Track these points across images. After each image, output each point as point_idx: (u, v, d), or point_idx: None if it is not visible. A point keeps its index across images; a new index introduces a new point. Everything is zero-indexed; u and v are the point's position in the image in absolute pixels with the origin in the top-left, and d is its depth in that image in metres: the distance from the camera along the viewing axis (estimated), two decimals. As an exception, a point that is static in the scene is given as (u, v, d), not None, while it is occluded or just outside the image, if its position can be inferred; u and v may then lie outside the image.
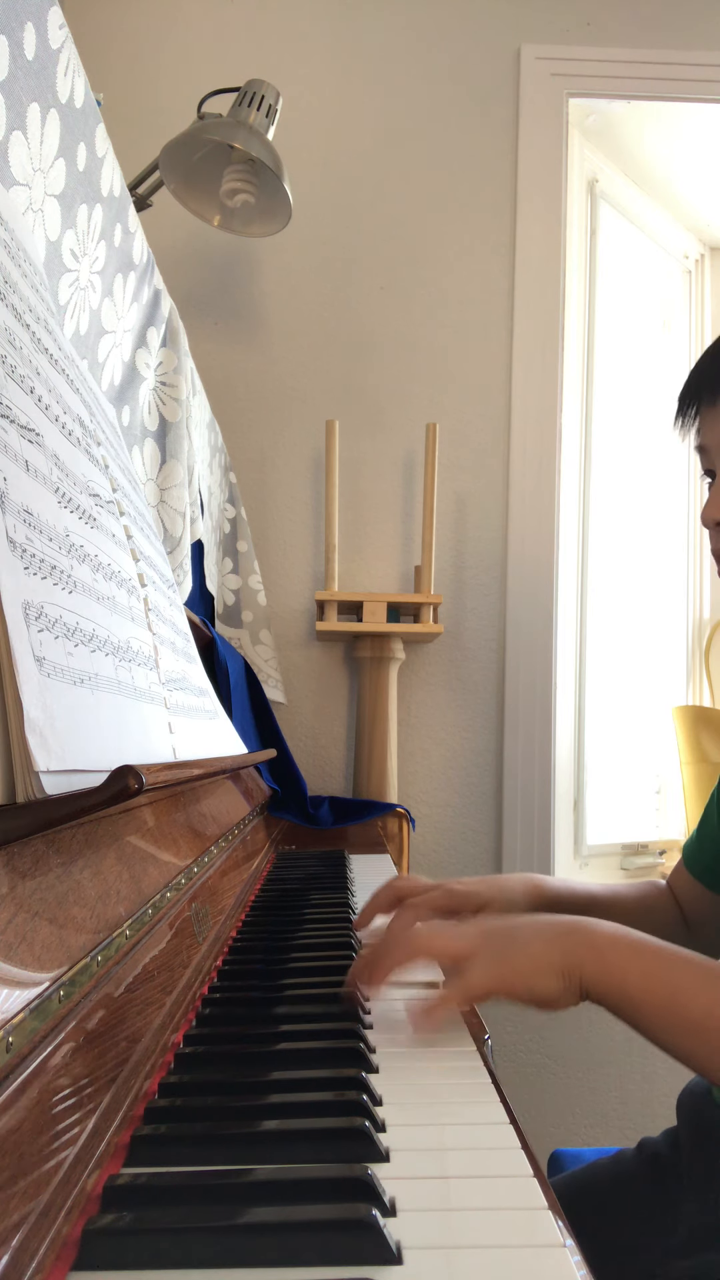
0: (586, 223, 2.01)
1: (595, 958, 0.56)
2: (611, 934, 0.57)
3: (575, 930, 0.58)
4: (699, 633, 2.16)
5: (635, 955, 0.56)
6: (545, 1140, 1.72)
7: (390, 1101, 0.46)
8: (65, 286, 0.84)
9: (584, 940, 0.57)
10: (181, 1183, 0.36)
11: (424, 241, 1.88)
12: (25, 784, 0.41)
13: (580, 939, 0.57)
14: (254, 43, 1.86)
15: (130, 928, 0.50)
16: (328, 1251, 0.32)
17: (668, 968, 0.56)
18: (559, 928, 0.58)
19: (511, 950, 0.57)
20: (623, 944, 0.57)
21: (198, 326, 1.75)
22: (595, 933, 0.57)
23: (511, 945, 0.57)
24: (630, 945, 0.57)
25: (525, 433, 1.85)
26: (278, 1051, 0.50)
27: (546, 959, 0.56)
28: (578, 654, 1.94)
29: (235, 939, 0.75)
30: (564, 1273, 0.32)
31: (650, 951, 0.57)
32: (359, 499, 1.84)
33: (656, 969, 0.56)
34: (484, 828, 1.82)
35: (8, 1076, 0.33)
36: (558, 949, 0.56)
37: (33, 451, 0.53)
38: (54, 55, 0.74)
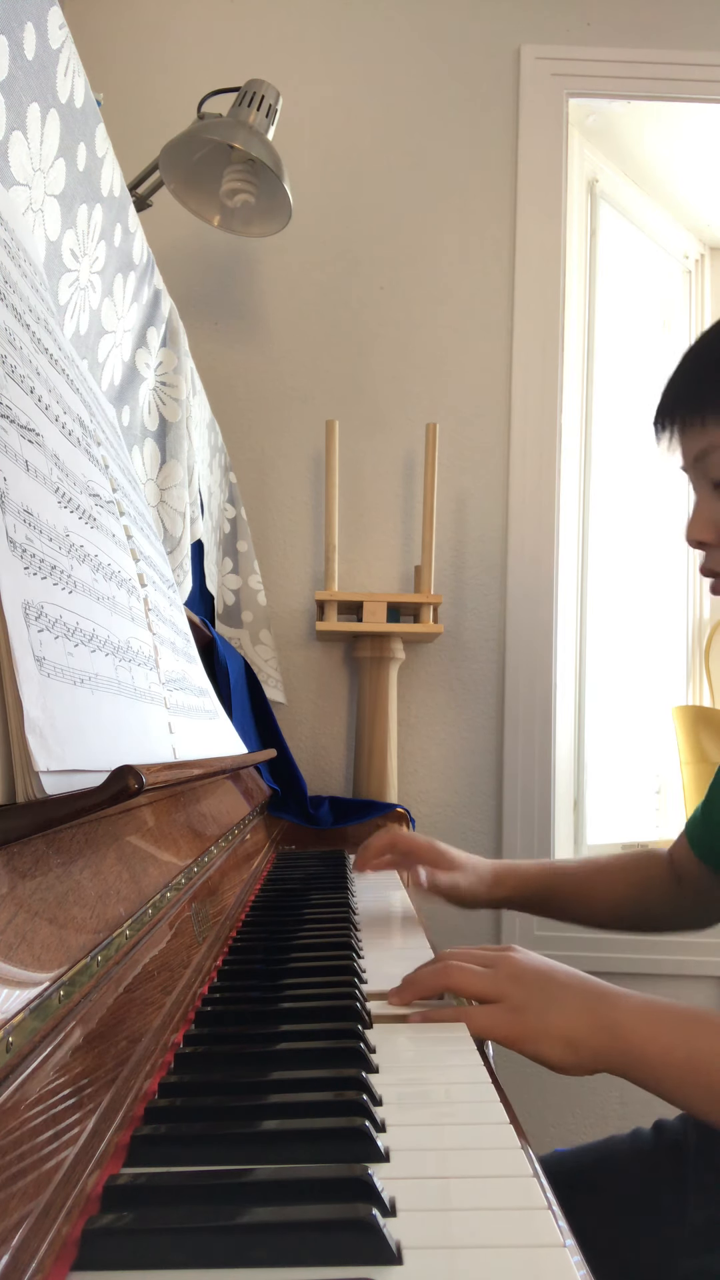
0: (586, 223, 2.01)
1: (613, 1036, 0.56)
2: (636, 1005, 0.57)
3: (596, 1007, 0.57)
4: (699, 633, 2.16)
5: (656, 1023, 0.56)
6: (545, 1140, 1.72)
7: (390, 1101, 0.46)
8: (65, 286, 0.84)
9: (602, 1019, 0.57)
10: (181, 1183, 0.36)
11: (424, 241, 1.88)
12: (25, 784, 0.41)
13: (599, 1017, 0.57)
14: (254, 43, 1.86)
15: (130, 928, 0.50)
16: (328, 1251, 0.32)
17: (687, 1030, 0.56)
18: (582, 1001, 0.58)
19: (531, 1010, 0.57)
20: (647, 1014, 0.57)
21: (198, 326, 1.75)
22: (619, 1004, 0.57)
23: (533, 1004, 0.58)
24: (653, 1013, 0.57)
25: (525, 433, 1.85)
26: (278, 1051, 0.50)
27: (561, 1028, 0.56)
28: (578, 654, 1.94)
29: (235, 939, 0.75)
30: (564, 1273, 0.32)
31: (673, 1016, 0.57)
32: (359, 499, 1.84)
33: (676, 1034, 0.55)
34: (484, 828, 1.82)
35: (8, 1076, 0.33)
36: (577, 1023, 0.56)
37: (33, 451, 0.53)
38: (54, 55, 0.74)
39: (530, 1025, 0.57)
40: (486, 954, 0.63)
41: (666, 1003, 0.58)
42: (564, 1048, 0.56)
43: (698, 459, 0.76)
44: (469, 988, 0.59)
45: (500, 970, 0.60)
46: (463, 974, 0.60)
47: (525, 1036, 0.56)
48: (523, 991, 0.58)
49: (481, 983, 0.59)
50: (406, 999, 0.61)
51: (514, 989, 0.58)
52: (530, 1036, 0.56)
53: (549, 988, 0.59)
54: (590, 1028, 0.56)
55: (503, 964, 0.61)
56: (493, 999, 0.58)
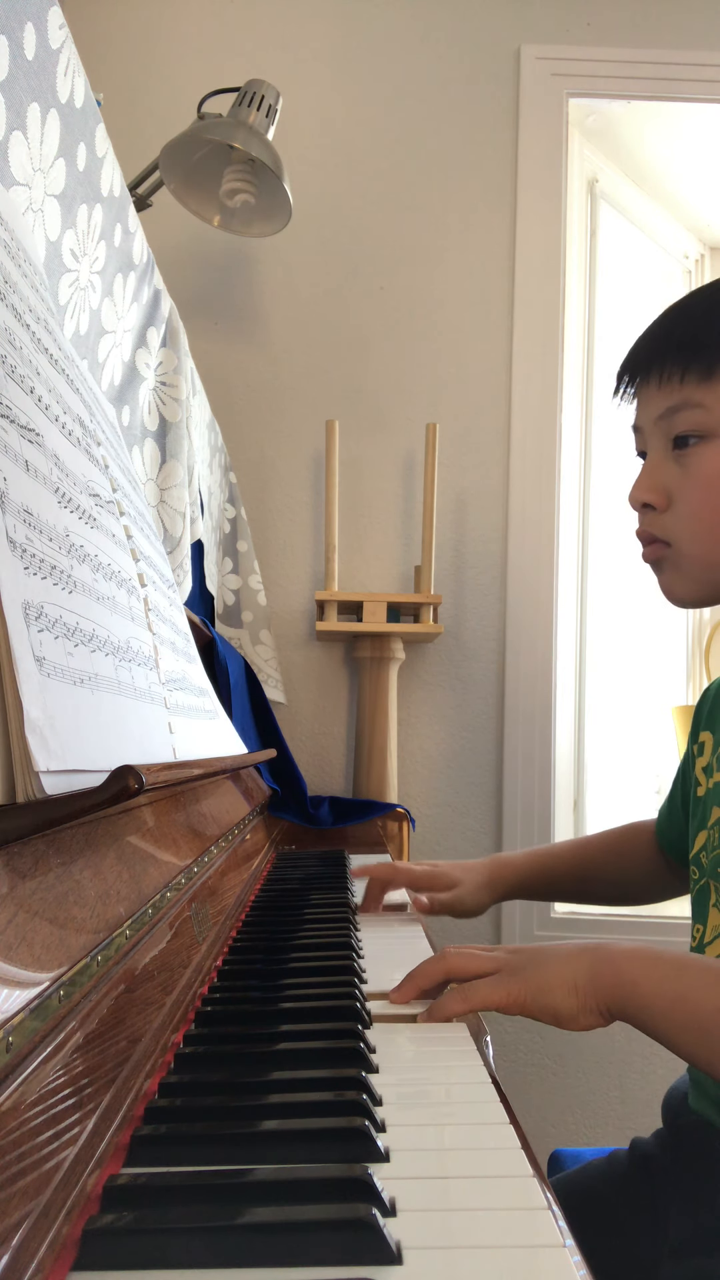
0: (586, 223, 2.01)
1: (611, 971, 0.57)
2: (627, 948, 0.59)
3: (593, 949, 0.59)
4: (699, 633, 2.16)
5: (648, 963, 0.57)
6: (545, 1140, 1.71)
7: (390, 1101, 0.46)
8: (65, 286, 0.84)
9: (600, 956, 0.58)
10: (181, 1183, 0.36)
11: (424, 241, 1.88)
12: (25, 784, 0.41)
13: (596, 955, 0.58)
14: (254, 43, 1.86)
15: (130, 928, 0.50)
16: (327, 1251, 0.32)
17: (678, 970, 0.57)
18: (577, 947, 0.60)
19: (529, 968, 0.58)
20: (638, 955, 0.58)
21: (198, 326, 1.75)
22: (611, 948, 0.59)
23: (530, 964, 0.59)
24: (644, 955, 0.58)
25: (525, 433, 1.85)
26: (278, 1051, 0.50)
27: (561, 975, 0.57)
28: (578, 654, 1.94)
29: (235, 939, 0.75)
30: (564, 1273, 0.32)
31: (665, 959, 0.58)
32: (359, 499, 1.84)
33: (668, 972, 0.57)
34: (484, 828, 1.82)
35: (8, 1076, 0.33)
36: (574, 966, 0.58)
37: (33, 451, 0.53)
38: (54, 55, 0.74)
39: (531, 981, 0.57)
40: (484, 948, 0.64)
41: (661, 948, 0.59)
42: (568, 992, 0.57)
43: (663, 415, 0.73)
44: (467, 969, 0.60)
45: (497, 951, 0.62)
46: (460, 958, 0.61)
47: (528, 994, 0.57)
48: (519, 958, 0.60)
49: (479, 962, 0.60)
50: (407, 996, 0.61)
51: (511, 959, 0.60)
52: (533, 993, 0.57)
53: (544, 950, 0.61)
54: (589, 967, 0.57)
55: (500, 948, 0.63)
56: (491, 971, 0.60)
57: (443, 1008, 0.58)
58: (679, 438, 0.73)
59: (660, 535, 0.75)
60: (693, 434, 0.72)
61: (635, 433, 0.79)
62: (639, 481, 0.76)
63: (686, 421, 0.72)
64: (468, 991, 0.58)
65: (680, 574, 0.75)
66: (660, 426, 0.74)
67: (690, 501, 0.72)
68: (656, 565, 0.78)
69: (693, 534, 0.73)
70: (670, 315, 0.76)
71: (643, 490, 0.75)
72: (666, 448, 0.74)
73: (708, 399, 0.71)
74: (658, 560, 0.77)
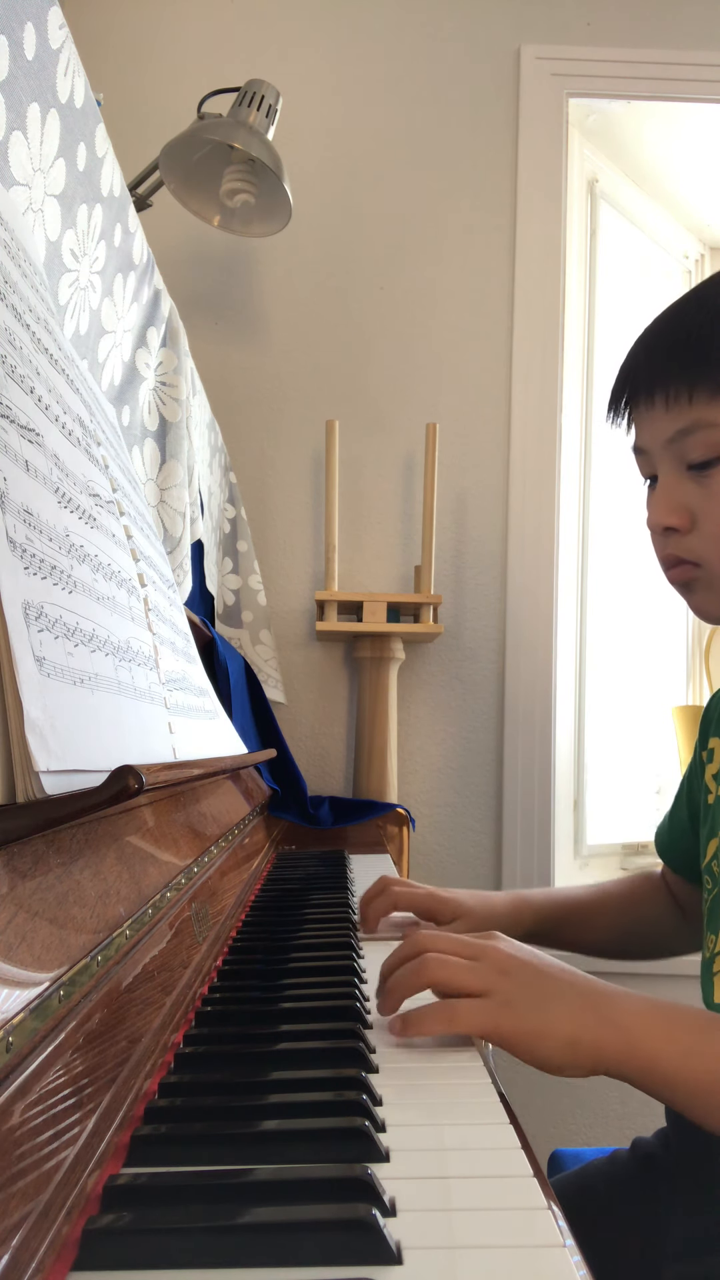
0: (586, 223, 2.01)
1: (619, 1037, 0.52)
2: (638, 1010, 0.53)
3: (599, 1004, 0.53)
4: (699, 633, 2.16)
5: (667, 1031, 0.53)
6: (545, 1140, 1.71)
7: (390, 1101, 0.46)
8: (65, 286, 0.84)
9: (607, 1017, 0.53)
10: (181, 1183, 0.36)
11: (424, 241, 1.88)
12: (25, 784, 0.41)
13: (604, 1015, 0.53)
14: (254, 43, 1.86)
15: (130, 928, 0.50)
16: (328, 1251, 0.32)
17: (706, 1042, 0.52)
18: (583, 997, 0.54)
19: (524, 1005, 0.53)
20: (652, 1019, 0.53)
21: (198, 326, 1.75)
22: (621, 1008, 0.53)
23: (526, 999, 0.53)
24: (661, 1020, 0.53)
25: (525, 433, 1.85)
26: (278, 1051, 0.50)
27: (561, 1027, 0.52)
28: (578, 654, 1.94)
29: (235, 939, 0.75)
30: (564, 1273, 0.32)
31: (684, 1024, 0.53)
32: (359, 499, 1.84)
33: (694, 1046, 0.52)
34: (484, 828, 1.82)
35: (8, 1076, 0.33)
36: (577, 1022, 0.52)
37: (33, 451, 0.53)
38: (54, 55, 0.74)
39: (526, 1022, 0.52)
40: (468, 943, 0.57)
41: (677, 1005, 0.54)
42: (563, 1046, 0.52)
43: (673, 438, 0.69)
44: (452, 982, 0.55)
45: (486, 962, 0.55)
46: (444, 968, 0.55)
47: (519, 1034, 0.52)
48: (513, 985, 0.54)
49: (466, 976, 0.54)
50: (389, 1010, 0.56)
51: (503, 982, 0.54)
52: (525, 1034, 0.52)
53: (542, 982, 0.55)
54: (595, 1024, 0.52)
55: (488, 954, 0.56)
56: (480, 994, 0.54)
57: (420, 1024, 0.53)
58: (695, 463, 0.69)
59: (688, 557, 0.71)
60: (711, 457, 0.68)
61: (638, 454, 0.75)
62: (658, 503, 0.72)
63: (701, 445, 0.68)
64: (452, 1014, 0.53)
65: (714, 593, 0.72)
66: (671, 449, 0.70)
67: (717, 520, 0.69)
68: (686, 587, 0.74)
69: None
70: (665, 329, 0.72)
71: (664, 513, 0.71)
72: (681, 468, 0.70)
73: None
74: (687, 582, 0.73)
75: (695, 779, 0.86)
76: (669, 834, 0.92)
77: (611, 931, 0.94)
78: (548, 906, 0.91)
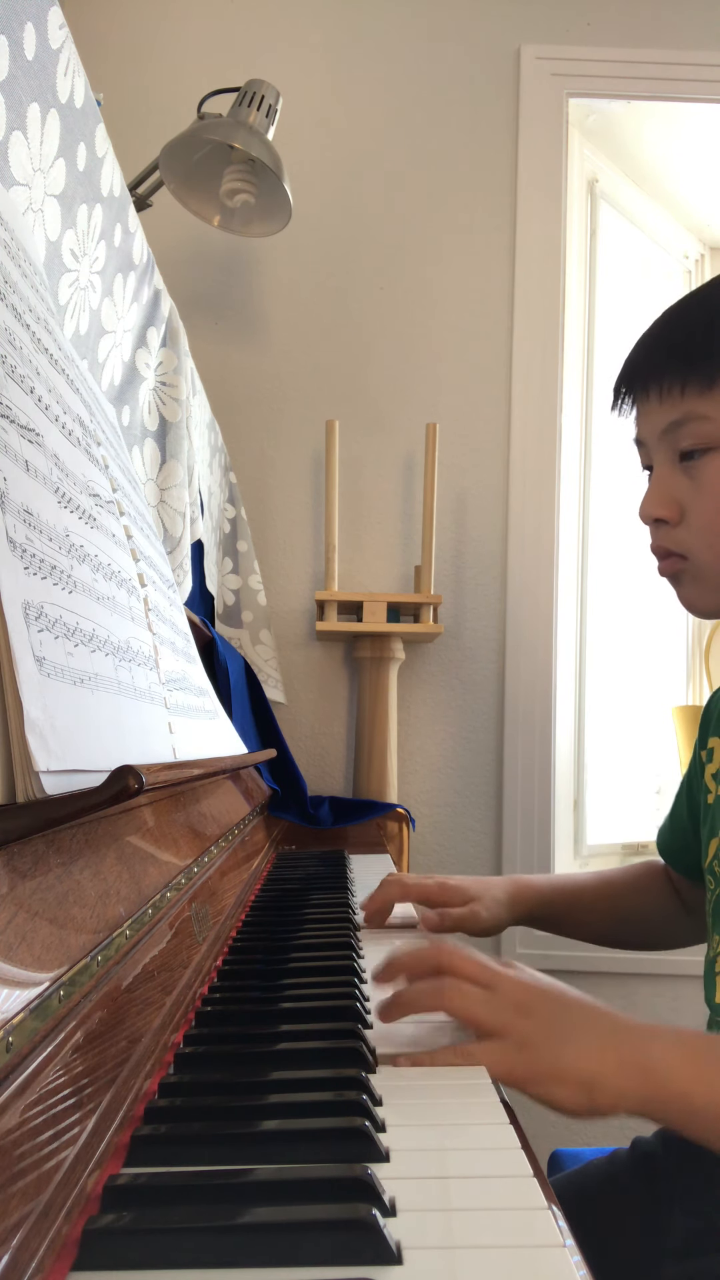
0: (586, 223, 2.01)
1: (641, 1080, 0.51)
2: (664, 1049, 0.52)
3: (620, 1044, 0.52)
4: (699, 633, 2.16)
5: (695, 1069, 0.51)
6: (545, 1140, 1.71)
7: (390, 1101, 0.46)
8: (65, 286, 0.84)
9: (628, 1059, 0.51)
10: (181, 1183, 0.36)
11: (424, 241, 1.88)
12: (25, 784, 0.41)
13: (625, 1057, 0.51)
14: (254, 42, 1.86)
15: (130, 928, 0.50)
16: (328, 1251, 0.32)
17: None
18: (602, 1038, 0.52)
19: (542, 1046, 0.51)
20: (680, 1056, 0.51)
21: (198, 326, 1.75)
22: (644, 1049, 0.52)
23: (544, 1039, 0.52)
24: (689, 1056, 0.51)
25: (525, 433, 1.85)
26: (278, 1051, 0.50)
27: (580, 1069, 0.51)
28: (578, 654, 1.94)
29: (235, 939, 0.75)
30: (564, 1273, 0.32)
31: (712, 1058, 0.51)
32: (359, 499, 1.84)
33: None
34: (484, 828, 1.82)
35: (8, 1076, 0.33)
36: (598, 1064, 0.51)
37: (33, 451, 0.53)
38: (54, 55, 0.74)
39: (542, 1065, 0.51)
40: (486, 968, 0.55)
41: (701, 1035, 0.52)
42: (578, 1090, 0.50)
43: (667, 430, 0.72)
44: (467, 1015, 0.53)
45: (502, 994, 0.54)
46: (461, 998, 0.54)
47: (533, 1078, 0.51)
48: (530, 1025, 0.52)
49: (482, 1010, 0.53)
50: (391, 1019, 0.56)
51: (520, 1021, 0.52)
52: (540, 1078, 0.51)
53: (561, 1020, 0.53)
54: (616, 1066, 0.51)
55: (504, 986, 0.54)
56: (495, 1032, 0.52)
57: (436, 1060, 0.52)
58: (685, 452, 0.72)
59: (676, 549, 0.73)
60: (699, 447, 0.71)
61: (638, 446, 0.77)
62: (649, 496, 0.74)
63: (692, 435, 0.71)
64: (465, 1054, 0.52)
65: (701, 586, 0.73)
66: (665, 440, 0.73)
67: (704, 513, 0.71)
68: (675, 579, 0.76)
69: (709, 545, 0.71)
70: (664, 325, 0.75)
71: (654, 505, 0.73)
72: (674, 460, 0.73)
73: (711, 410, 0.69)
74: (676, 574, 0.75)
75: (695, 779, 0.86)
76: (670, 834, 0.92)
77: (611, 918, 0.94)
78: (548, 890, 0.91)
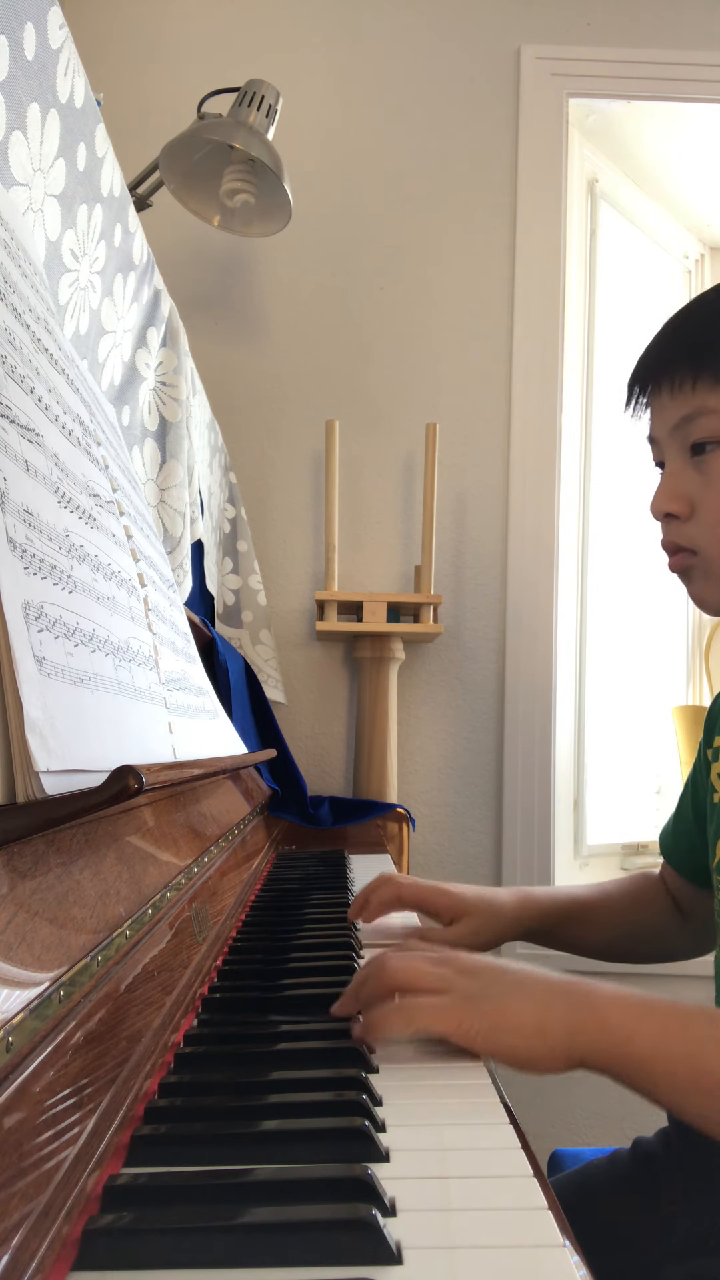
0: (586, 223, 2.01)
1: (594, 1019, 0.51)
2: (612, 993, 0.52)
3: (570, 990, 0.52)
4: (699, 633, 2.16)
5: (643, 1015, 0.51)
6: (545, 1140, 1.71)
7: (390, 1101, 0.46)
8: (65, 286, 0.84)
9: (580, 1001, 0.51)
10: (181, 1183, 0.36)
11: (424, 242, 1.88)
12: (25, 784, 0.41)
13: (576, 999, 0.51)
14: (254, 43, 1.86)
15: (130, 928, 0.50)
16: (328, 1251, 0.32)
17: (682, 1024, 0.51)
18: (551, 986, 0.53)
19: (487, 999, 0.52)
20: (627, 1003, 0.52)
21: (198, 326, 1.75)
22: (593, 992, 0.52)
23: (487, 994, 0.52)
24: (636, 1004, 0.52)
25: (525, 433, 1.85)
26: (278, 1051, 0.50)
27: (527, 1015, 0.51)
28: (578, 654, 1.94)
29: (235, 939, 0.75)
30: (564, 1273, 0.32)
31: (661, 1010, 0.52)
32: (359, 499, 1.84)
33: (670, 1027, 0.51)
34: (484, 828, 1.82)
35: (8, 1076, 0.33)
36: (544, 1007, 0.51)
37: (33, 451, 0.53)
38: (54, 55, 0.74)
39: (487, 1016, 0.50)
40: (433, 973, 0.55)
41: (647, 994, 0.53)
42: (532, 1035, 0.50)
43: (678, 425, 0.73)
44: (413, 986, 0.54)
45: (446, 966, 0.55)
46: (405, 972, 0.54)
47: (481, 1029, 0.50)
48: (475, 982, 0.53)
49: (428, 978, 0.53)
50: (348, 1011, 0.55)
51: (464, 980, 0.53)
52: (488, 1029, 0.50)
53: (506, 978, 0.53)
54: (566, 1009, 0.51)
55: (451, 960, 0.55)
56: (436, 991, 0.52)
57: (381, 1026, 0.51)
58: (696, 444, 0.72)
59: (686, 544, 0.74)
60: (710, 440, 0.71)
61: (651, 444, 0.78)
62: (660, 491, 0.75)
63: (703, 429, 0.71)
64: (410, 1012, 0.51)
65: (710, 581, 0.74)
66: (676, 435, 0.73)
67: (714, 508, 0.71)
68: (685, 575, 0.76)
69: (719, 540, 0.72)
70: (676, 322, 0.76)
71: (664, 500, 0.74)
72: (685, 456, 0.73)
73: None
74: (686, 569, 0.75)
75: (700, 778, 0.86)
76: (674, 836, 0.91)
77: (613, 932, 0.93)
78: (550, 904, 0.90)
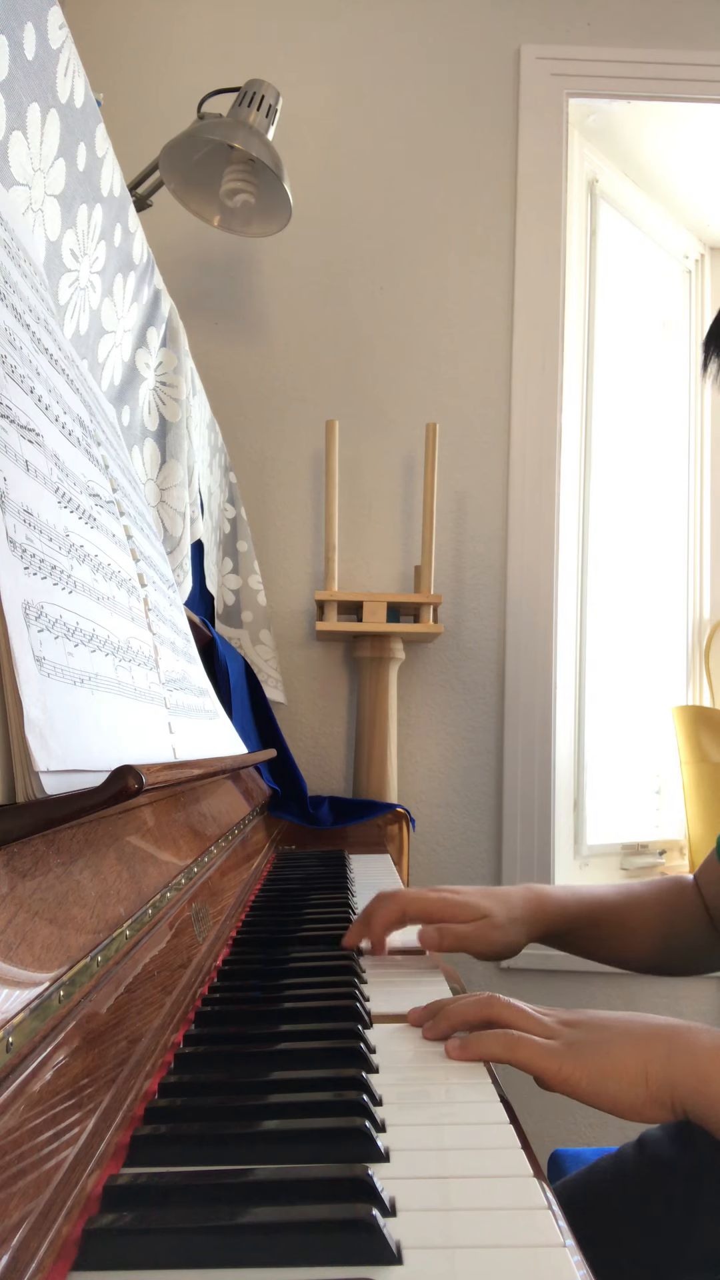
0: (586, 223, 2.01)
1: (693, 1069, 0.50)
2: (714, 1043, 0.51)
3: (670, 1035, 0.51)
4: (699, 633, 2.16)
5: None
6: (545, 1140, 1.71)
7: (390, 1101, 0.46)
8: (65, 286, 0.84)
9: (680, 1046, 0.50)
10: (181, 1183, 0.36)
11: (424, 242, 1.88)
12: (25, 784, 0.41)
13: (675, 1045, 0.51)
14: (254, 43, 1.86)
15: (130, 928, 0.50)
16: (328, 1251, 0.32)
17: None
18: (650, 1029, 0.52)
19: (589, 1047, 0.51)
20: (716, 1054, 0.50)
21: (198, 326, 1.75)
22: (695, 1039, 0.51)
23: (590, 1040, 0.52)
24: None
25: (525, 433, 1.85)
26: (278, 1051, 0.50)
27: (629, 1063, 0.50)
28: (578, 654, 1.94)
29: (235, 939, 0.75)
30: (564, 1273, 0.32)
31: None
32: (359, 499, 1.84)
33: None
34: (484, 828, 1.82)
35: (8, 1076, 0.33)
36: (646, 1054, 0.50)
37: (33, 451, 0.53)
38: (54, 55, 0.74)
39: (589, 1063, 0.50)
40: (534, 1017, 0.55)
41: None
42: (634, 1083, 0.50)
43: None
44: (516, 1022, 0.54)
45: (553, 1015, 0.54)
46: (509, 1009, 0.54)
47: (584, 1077, 0.50)
48: (578, 1032, 0.53)
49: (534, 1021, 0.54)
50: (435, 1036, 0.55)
51: (567, 1030, 0.53)
52: (590, 1076, 0.50)
53: (611, 1025, 0.53)
54: (666, 1060, 0.50)
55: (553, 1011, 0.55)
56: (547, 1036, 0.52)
57: (478, 1047, 0.52)
58: None
59: None
60: None
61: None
62: None
63: None
64: (515, 1042, 0.51)
65: None
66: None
67: None
68: None
69: None
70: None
71: None
72: None
73: None
74: None
75: None
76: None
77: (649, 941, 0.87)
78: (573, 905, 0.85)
